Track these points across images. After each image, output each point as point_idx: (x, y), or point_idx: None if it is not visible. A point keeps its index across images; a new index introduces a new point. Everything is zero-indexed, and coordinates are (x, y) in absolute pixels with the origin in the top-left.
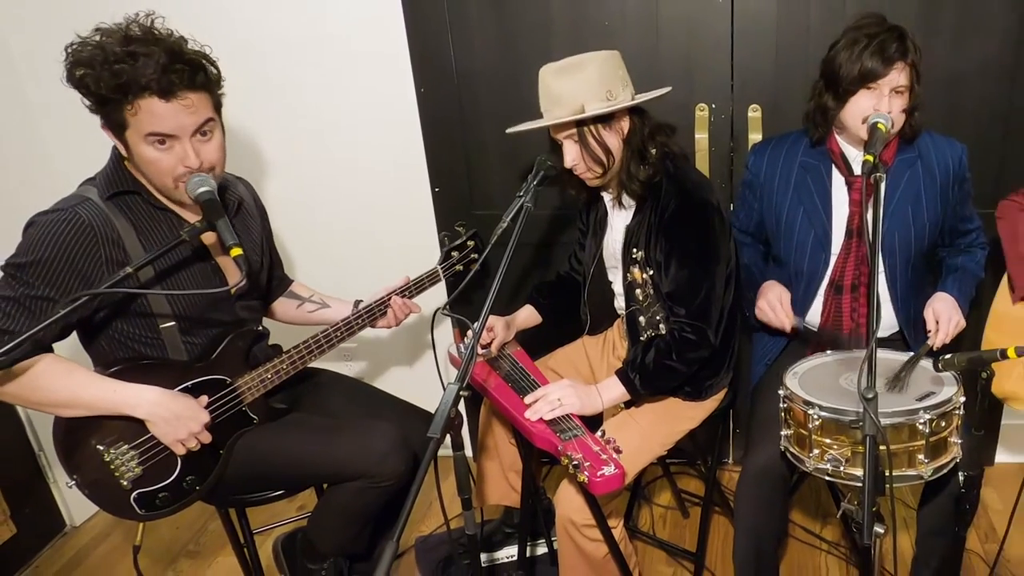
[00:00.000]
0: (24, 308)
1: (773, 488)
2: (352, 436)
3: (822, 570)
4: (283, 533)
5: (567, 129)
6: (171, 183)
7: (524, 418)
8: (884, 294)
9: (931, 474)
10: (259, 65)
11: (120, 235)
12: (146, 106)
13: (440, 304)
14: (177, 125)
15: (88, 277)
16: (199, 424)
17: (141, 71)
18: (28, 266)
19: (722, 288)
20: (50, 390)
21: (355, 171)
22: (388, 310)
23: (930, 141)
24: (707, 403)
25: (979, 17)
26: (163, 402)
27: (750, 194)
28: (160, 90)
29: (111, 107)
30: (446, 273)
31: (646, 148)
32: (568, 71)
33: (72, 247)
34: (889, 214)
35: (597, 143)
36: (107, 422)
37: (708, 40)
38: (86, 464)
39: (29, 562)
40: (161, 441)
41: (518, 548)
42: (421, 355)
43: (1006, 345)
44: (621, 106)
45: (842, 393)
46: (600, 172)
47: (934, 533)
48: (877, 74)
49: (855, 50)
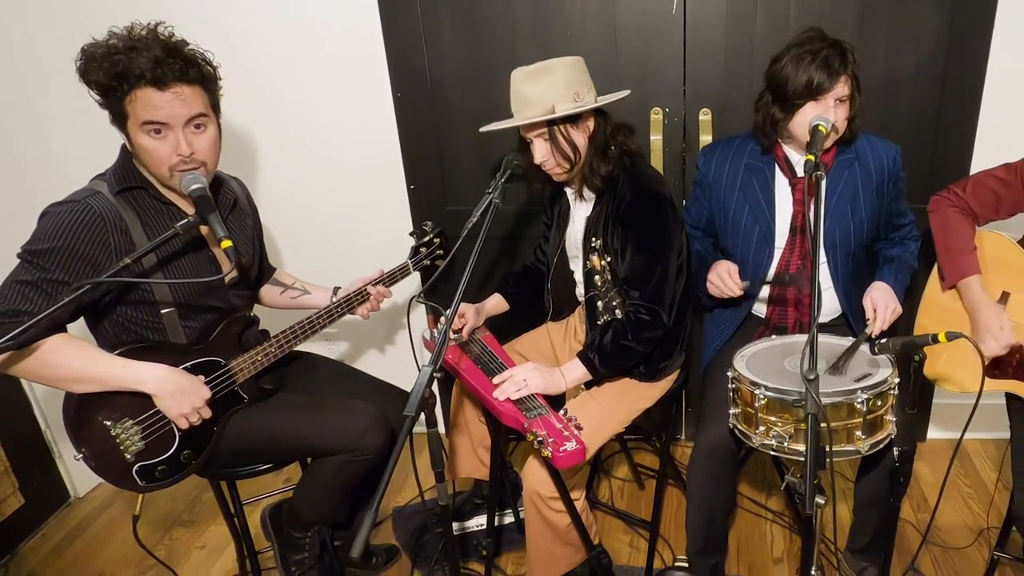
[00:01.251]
0: (41, 291)
1: (723, 462)
2: (334, 414)
3: (768, 538)
4: (270, 504)
5: (538, 128)
6: (167, 172)
7: (493, 398)
8: (826, 284)
9: (868, 449)
10: (250, 72)
11: (127, 226)
12: (142, 95)
13: (415, 292)
14: (169, 114)
15: (98, 263)
16: (201, 399)
17: (137, 62)
18: (44, 253)
19: (674, 274)
20: (64, 366)
21: (337, 169)
22: (364, 299)
23: (867, 143)
24: (661, 384)
25: (911, 29)
26: (169, 378)
27: (700, 192)
28: (154, 79)
29: (113, 98)
30: (415, 267)
31: (608, 146)
32: (538, 75)
33: (84, 235)
34: (830, 211)
35: (566, 141)
36: (114, 399)
37: (662, 49)
38: (94, 438)
39: (36, 530)
40: (165, 415)
41: (487, 517)
42: (398, 339)
43: (937, 330)
44: (588, 107)
45: (786, 375)
46: (567, 168)
47: (871, 504)
48: (823, 87)
49: (802, 65)
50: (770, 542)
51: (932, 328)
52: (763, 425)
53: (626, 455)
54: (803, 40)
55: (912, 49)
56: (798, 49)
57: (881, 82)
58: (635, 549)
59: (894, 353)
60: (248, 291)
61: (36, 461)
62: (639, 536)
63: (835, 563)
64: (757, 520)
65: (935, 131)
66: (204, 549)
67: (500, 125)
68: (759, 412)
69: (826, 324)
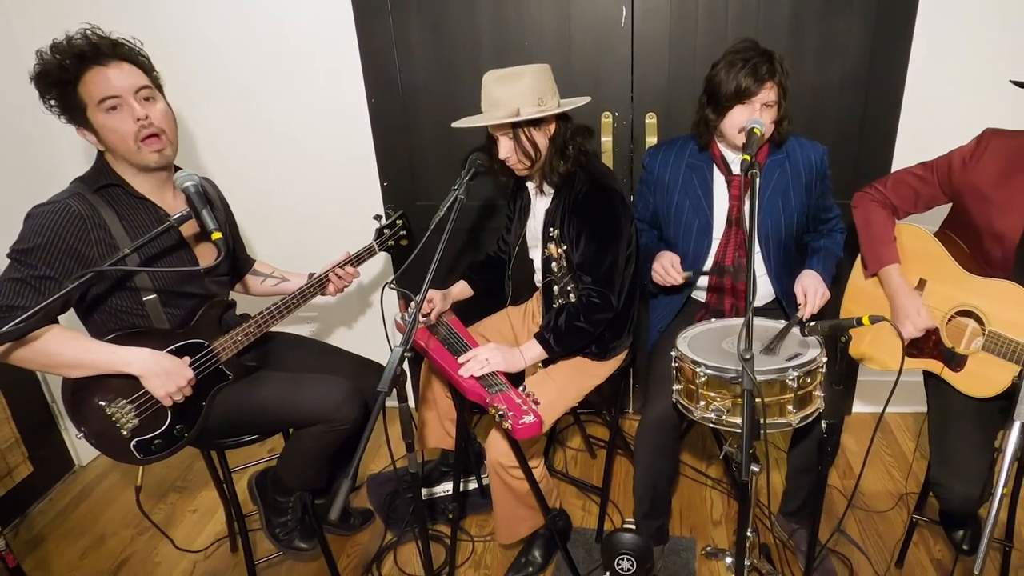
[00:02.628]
0: (30, 287)
1: (666, 434)
2: (313, 388)
3: (708, 502)
4: (256, 471)
5: (504, 128)
6: (133, 145)
7: (458, 375)
8: (760, 271)
9: (799, 422)
10: (239, 80)
11: (106, 221)
12: (90, 77)
13: (388, 279)
14: (119, 86)
15: (83, 257)
16: (184, 379)
17: (76, 48)
18: (30, 251)
19: (624, 262)
20: (58, 354)
21: (317, 168)
22: (331, 279)
23: (797, 144)
24: (611, 362)
25: (837, 41)
26: (154, 360)
27: (646, 189)
28: (94, 57)
29: (67, 92)
30: (380, 248)
31: (566, 146)
32: (507, 79)
33: (67, 233)
34: (763, 205)
35: (528, 141)
36: (107, 381)
37: (612, 59)
38: (92, 418)
39: (44, 496)
40: (153, 395)
41: (453, 484)
42: (372, 321)
43: (861, 314)
44: (550, 112)
45: (724, 354)
46: (528, 164)
47: (801, 471)
48: (750, 91)
49: (732, 71)
50: (710, 506)
51: (856, 312)
52: (703, 400)
53: (579, 427)
54: (737, 48)
55: (838, 59)
56: (732, 56)
57: (810, 89)
58: (587, 513)
59: (822, 335)
60: (223, 277)
61: (43, 432)
62: (591, 501)
63: (768, 525)
64: (698, 486)
65: (859, 133)
66: (196, 513)
67: (471, 123)
68: (700, 388)
69: (760, 308)
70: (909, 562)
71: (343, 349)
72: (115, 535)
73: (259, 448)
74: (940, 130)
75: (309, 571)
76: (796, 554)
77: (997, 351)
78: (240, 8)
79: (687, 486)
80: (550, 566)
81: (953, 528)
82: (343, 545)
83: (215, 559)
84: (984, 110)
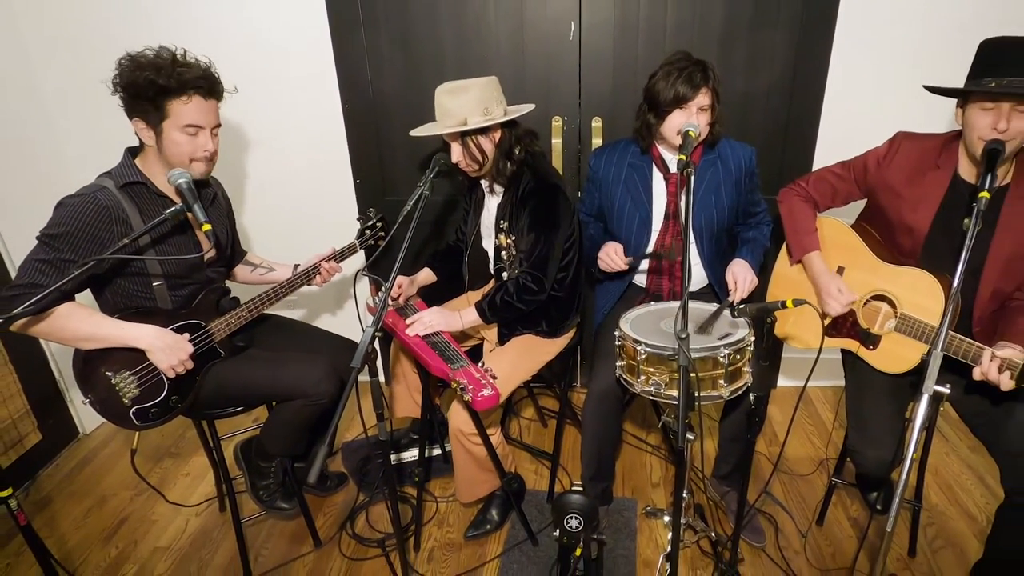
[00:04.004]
0: (54, 268)
1: (611, 405)
2: (294, 366)
3: (648, 467)
4: (242, 439)
5: (454, 135)
6: (187, 161)
7: (423, 352)
8: (695, 260)
9: (729, 395)
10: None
11: (128, 215)
12: (190, 102)
13: (360, 267)
14: (206, 120)
15: (104, 245)
16: (186, 353)
17: (191, 75)
18: (58, 236)
19: (560, 251)
20: (73, 328)
21: (296, 167)
22: (318, 272)
23: (728, 146)
24: (560, 340)
25: (764, 53)
26: (159, 336)
27: (592, 186)
28: (205, 91)
29: (158, 100)
30: (361, 246)
31: (512, 150)
32: (456, 92)
33: (92, 223)
34: (697, 201)
35: (475, 147)
36: (114, 354)
37: (562, 68)
38: (98, 386)
39: (51, 461)
40: (156, 367)
41: (419, 450)
42: (347, 305)
43: (785, 298)
44: (494, 122)
45: (662, 334)
46: (477, 167)
47: (732, 439)
48: (687, 97)
49: (670, 80)
50: (650, 470)
51: (781, 296)
52: (643, 375)
53: (532, 399)
54: (672, 60)
55: (765, 69)
56: (668, 67)
57: (740, 96)
58: (539, 476)
59: (750, 317)
60: (223, 268)
61: (51, 404)
62: (543, 465)
63: (702, 487)
64: (639, 452)
65: (784, 136)
66: (188, 476)
67: (425, 131)
68: (640, 364)
69: (695, 293)
70: (828, 520)
71: (322, 329)
72: (115, 496)
73: (245, 418)
74: (856, 132)
75: (289, 528)
76: (727, 513)
77: (908, 332)
78: (230, 23)
79: (629, 452)
80: (506, 524)
81: (868, 490)
82: (320, 505)
83: (205, 517)
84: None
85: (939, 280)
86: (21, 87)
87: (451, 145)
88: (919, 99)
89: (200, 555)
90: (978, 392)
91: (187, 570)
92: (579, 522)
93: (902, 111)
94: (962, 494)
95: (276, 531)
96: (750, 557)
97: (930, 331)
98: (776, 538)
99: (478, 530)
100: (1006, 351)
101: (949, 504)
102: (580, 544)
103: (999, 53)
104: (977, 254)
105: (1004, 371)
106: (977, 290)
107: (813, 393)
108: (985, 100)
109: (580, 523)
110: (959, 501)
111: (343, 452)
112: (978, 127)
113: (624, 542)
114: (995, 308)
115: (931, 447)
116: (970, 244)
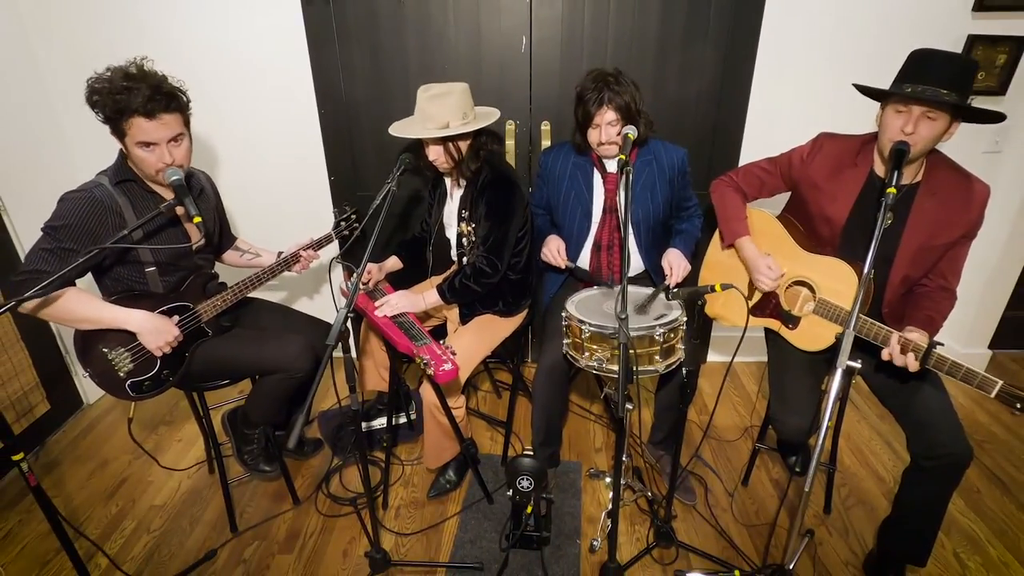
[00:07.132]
0: (57, 256)
1: (558, 379)
2: (275, 343)
3: (591, 434)
4: (229, 409)
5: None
6: (154, 173)
7: (391, 331)
8: (633, 249)
9: (664, 369)
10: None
11: (121, 209)
12: (136, 123)
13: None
14: (157, 136)
15: (99, 237)
16: (172, 335)
17: (132, 100)
18: (60, 228)
19: (514, 238)
20: (74, 312)
21: (277, 166)
22: (298, 260)
23: (662, 147)
24: (516, 318)
25: (695, 64)
26: (148, 319)
27: (542, 182)
28: (145, 113)
29: (114, 122)
30: (337, 236)
31: (479, 150)
32: (439, 97)
33: (90, 216)
34: (635, 196)
35: (454, 147)
36: (110, 334)
37: (514, 78)
38: (96, 361)
39: (58, 428)
40: (146, 348)
41: (387, 419)
42: (323, 289)
43: (715, 282)
44: (475, 127)
45: (604, 315)
46: (452, 165)
47: (666, 409)
48: (591, 118)
49: (581, 104)
50: (593, 437)
51: (711, 280)
52: (587, 351)
53: (488, 373)
54: (583, 84)
55: (696, 78)
56: (580, 91)
57: (673, 102)
58: (494, 442)
59: (684, 299)
60: (210, 255)
61: (58, 376)
62: (497, 432)
63: (640, 452)
64: (584, 421)
65: (712, 138)
66: (180, 442)
67: (409, 134)
68: (584, 342)
69: (633, 278)
70: (753, 481)
71: (300, 311)
72: (116, 460)
73: (231, 390)
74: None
75: (271, 488)
76: (662, 475)
77: (825, 314)
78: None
79: (575, 420)
80: (463, 483)
81: (788, 454)
82: (299, 468)
83: (196, 479)
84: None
85: (853, 268)
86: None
87: (430, 146)
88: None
89: (191, 512)
90: (887, 368)
91: (180, 525)
92: (530, 483)
93: (816, 113)
94: (872, 458)
95: (259, 491)
96: (683, 514)
97: (844, 314)
98: (706, 497)
99: (440, 490)
100: (912, 335)
101: (860, 467)
102: (531, 502)
103: (924, 63)
104: (889, 244)
105: (909, 352)
106: (889, 276)
107: (739, 368)
108: (899, 103)
109: (531, 484)
110: (869, 464)
111: (319, 420)
112: (890, 129)
113: (570, 501)
114: (904, 292)
115: (844, 416)
116: (879, 234)
